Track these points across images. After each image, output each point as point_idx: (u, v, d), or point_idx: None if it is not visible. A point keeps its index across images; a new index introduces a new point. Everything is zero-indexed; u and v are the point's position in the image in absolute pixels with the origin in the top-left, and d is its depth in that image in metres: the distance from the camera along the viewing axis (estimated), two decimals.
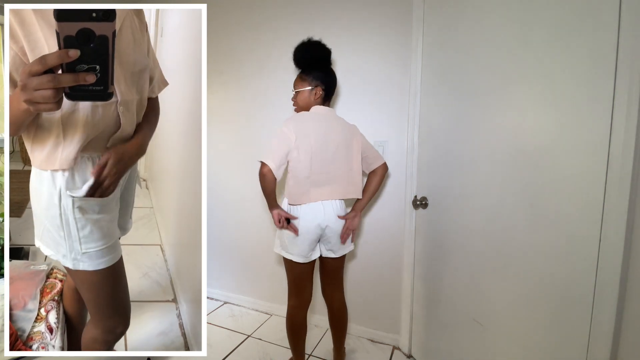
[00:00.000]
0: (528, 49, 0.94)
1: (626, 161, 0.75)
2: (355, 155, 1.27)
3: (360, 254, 1.73)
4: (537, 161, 0.93)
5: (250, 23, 1.87)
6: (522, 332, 1.01)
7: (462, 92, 1.17)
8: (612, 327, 0.79)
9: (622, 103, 0.75)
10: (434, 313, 1.40)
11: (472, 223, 1.15)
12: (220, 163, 2.07)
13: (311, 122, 1.20)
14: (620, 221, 0.76)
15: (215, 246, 2.16)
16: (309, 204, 1.22)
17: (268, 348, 1.66)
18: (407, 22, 1.48)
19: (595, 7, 0.80)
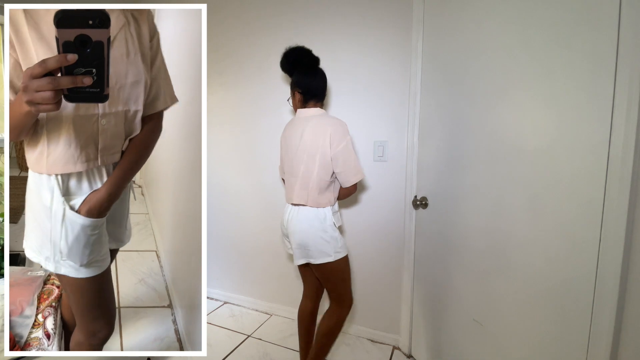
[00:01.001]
0: (528, 48, 0.94)
1: (626, 161, 0.75)
2: (319, 160, 1.16)
3: (360, 254, 1.73)
4: (537, 161, 0.93)
5: (249, 23, 1.87)
6: (522, 332, 1.01)
7: (462, 92, 1.17)
8: (612, 327, 0.79)
9: (622, 103, 0.75)
10: (434, 313, 1.40)
11: (472, 223, 1.15)
12: (220, 163, 2.07)
13: (288, 126, 1.29)
14: (620, 221, 0.76)
15: (215, 246, 2.16)
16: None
17: (268, 348, 1.66)
18: (407, 22, 1.48)
19: (595, 7, 0.80)
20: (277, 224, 1.88)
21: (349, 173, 1.19)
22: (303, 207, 1.21)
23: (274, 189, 1.91)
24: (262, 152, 1.92)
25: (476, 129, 1.12)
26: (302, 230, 1.20)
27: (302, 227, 1.20)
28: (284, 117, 1.81)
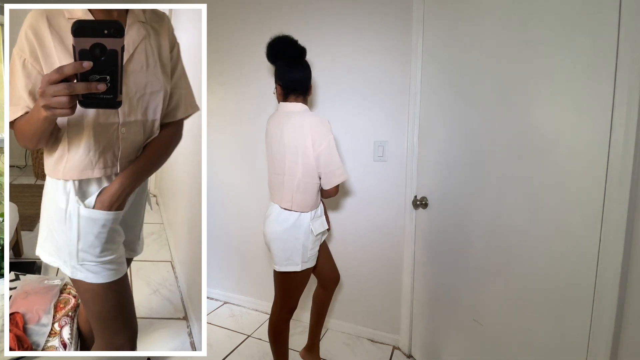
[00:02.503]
0: (528, 48, 0.94)
1: (626, 161, 0.75)
2: (302, 161, 1.11)
3: (360, 254, 1.73)
4: (537, 161, 0.93)
5: (249, 23, 1.87)
6: (522, 332, 1.01)
7: (462, 92, 1.17)
8: (612, 327, 0.79)
9: (622, 103, 0.75)
10: (434, 313, 1.40)
11: (472, 223, 1.15)
12: (220, 163, 2.07)
13: (270, 120, 1.23)
14: (620, 221, 0.76)
15: (215, 246, 2.16)
16: None
17: (268, 348, 1.65)
18: (407, 22, 1.48)
19: (595, 7, 0.80)
20: None
21: (332, 174, 1.12)
22: (280, 207, 1.16)
23: None
24: (262, 151, 1.91)
25: (476, 128, 1.12)
26: (273, 232, 1.16)
27: (274, 229, 1.16)
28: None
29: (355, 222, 1.72)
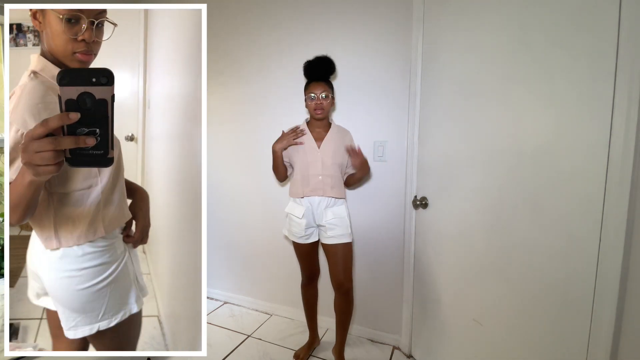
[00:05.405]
0: (528, 48, 0.94)
1: (626, 161, 0.75)
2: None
3: (360, 254, 1.73)
4: (537, 161, 0.93)
5: (249, 23, 1.87)
6: (522, 332, 1.01)
7: (462, 92, 1.17)
8: (612, 327, 0.79)
9: (622, 103, 0.75)
10: (434, 313, 1.40)
11: (472, 223, 1.15)
12: (220, 163, 2.07)
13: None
14: (620, 221, 0.76)
15: (215, 246, 2.16)
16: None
17: (268, 348, 1.66)
18: (407, 22, 1.48)
19: (595, 7, 0.80)
20: (277, 224, 1.88)
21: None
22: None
23: (274, 189, 1.91)
24: (262, 151, 1.92)
25: (476, 129, 1.12)
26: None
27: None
28: (283, 117, 1.81)
29: (355, 222, 1.72)
